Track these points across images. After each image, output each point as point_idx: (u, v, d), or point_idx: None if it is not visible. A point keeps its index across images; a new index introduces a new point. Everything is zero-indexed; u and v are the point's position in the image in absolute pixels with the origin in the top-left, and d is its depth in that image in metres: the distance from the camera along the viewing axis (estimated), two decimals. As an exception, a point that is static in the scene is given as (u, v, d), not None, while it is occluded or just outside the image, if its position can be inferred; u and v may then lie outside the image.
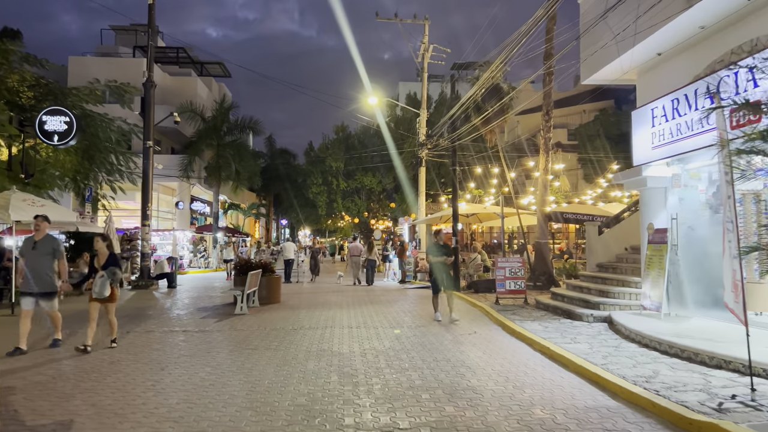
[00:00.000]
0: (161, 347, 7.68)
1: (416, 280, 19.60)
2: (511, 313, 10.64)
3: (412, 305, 12.84)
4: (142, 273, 17.75)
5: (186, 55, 42.96)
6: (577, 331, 8.43)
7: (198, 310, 11.89)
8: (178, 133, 32.99)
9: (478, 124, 16.22)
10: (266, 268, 13.07)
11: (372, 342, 7.99)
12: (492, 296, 14.02)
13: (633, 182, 9.26)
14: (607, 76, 9.65)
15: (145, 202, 18.06)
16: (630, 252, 11.26)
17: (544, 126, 16.09)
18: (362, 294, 15.60)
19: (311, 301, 13.82)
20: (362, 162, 27.90)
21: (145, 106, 18.04)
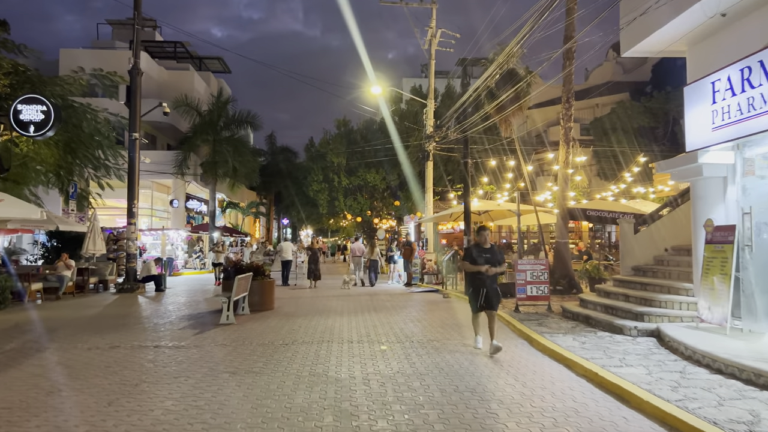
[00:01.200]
0: (121, 369, 6.32)
1: (423, 283, 18.21)
2: (536, 324, 9.25)
3: (421, 313, 11.46)
4: (128, 275, 16.43)
5: (184, 50, 41.77)
6: (622, 348, 7.03)
7: (180, 318, 10.54)
8: (174, 129, 31.72)
9: (491, 112, 14.83)
10: (258, 272, 11.71)
11: (377, 363, 6.62)
12: (508, 302, 12.64)
13: (684, 171, 7.86)
14: (652, 46, 8.25)
15: (131, 199, 16.75)
16: (671, 253, 9.85)
17: (563, 115, 14.69)
18: (365, 299, 14.23)
19: (309, 307, 12.46)
20: (365, 158, 26.51)
21: (131, 95, 16.71)
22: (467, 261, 7.43)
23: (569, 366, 6.39)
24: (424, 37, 18.94)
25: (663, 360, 6.35)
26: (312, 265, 16.95)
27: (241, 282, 10.26)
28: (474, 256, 7.36)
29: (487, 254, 7.30)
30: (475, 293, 7.34)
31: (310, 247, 17.81)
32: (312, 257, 17.06)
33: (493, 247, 7.49)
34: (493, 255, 7.34)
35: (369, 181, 27.06)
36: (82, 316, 11.03)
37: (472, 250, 7.48)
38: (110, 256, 18.44)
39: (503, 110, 15.21)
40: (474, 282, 7.34)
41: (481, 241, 7.48)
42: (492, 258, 7.30)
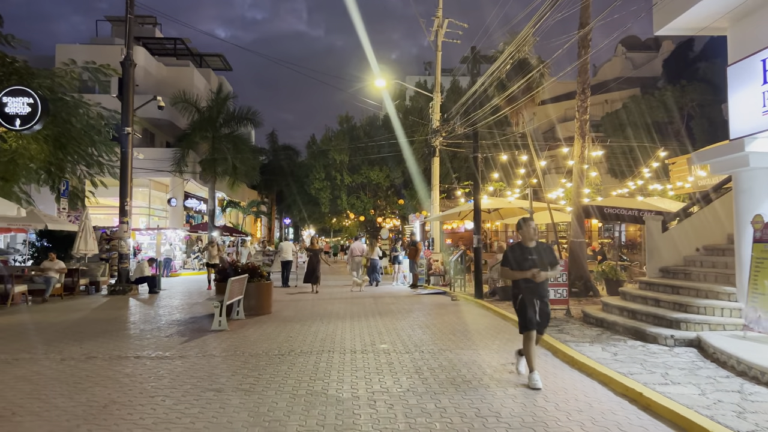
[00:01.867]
0: (92, 386, 5.54)
1: (429, 285, 17.40)
2: (556, 330, 8.43)
3: (429, 318, 10.65)
4: (120, 276, 15.68)
5: (184, 47, 41.12)
6: (661, 361, 6.21)
7: (169, 323, 9.76)
8: (173, 126, 31.00)
9: (502, 103, 14.01)
10: (254, 273, 10.92)
11: (384, 378, 5.81)
12: (523, 305, 11.83)
13: (726, 162, 7.03)
14: (689, 23, 7.43)
15: (123, 197, 15.99)
16: (704, 253, 9.01)
17: (579, 107, 13.85)
18: (369, 302, 13.43)
19: (309, 311, 11.67)
20: (368, 155, 25.71)
21: (124, 87, 15.96)
22: (507, 266, 5.73)
23: (605, 383, 5.57)
24: (430, 28, 18.13)
25: (713, 376, 5.52)
26: (311, 268, 15.29)
27: (235, 284, 9.47)
28: (517, 258, 5.63)
29: (533, 255, 5.59)
30: (528, 304, 5.56)
31: (310, 247, 16.27)
32: (312, 259, 15.40)
33: (540, 246, 5.75)
34: (541, 255, 5.62)
35: (372, 179, 26.25)
36: (64, 320, 10.26)
37: (514, 251, 5.73)
38: (103, 257, 17.69)
39: (514, 102, 14.39)
40: (522, 291, 5.60)
41: (525, 238, 5.70)
42: (540, 259, 5.58)
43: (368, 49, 16.71)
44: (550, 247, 5.99)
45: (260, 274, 11.11)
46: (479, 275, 13.19)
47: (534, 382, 5.40)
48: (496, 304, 12.05)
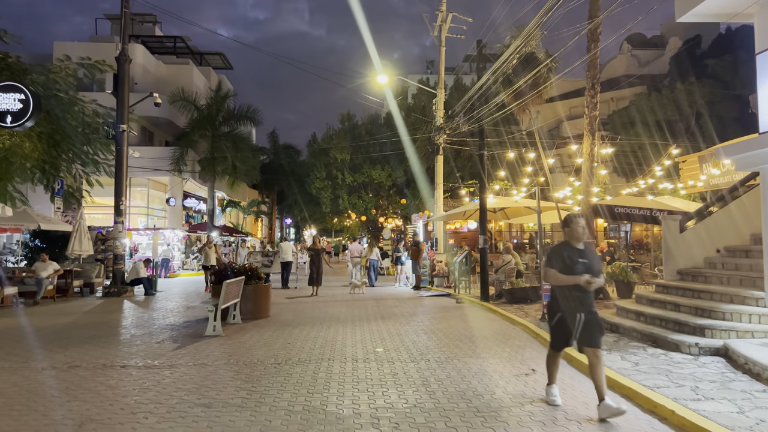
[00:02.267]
0: (70, 400, 5.09)
1: (432, 286, 16.94)
2: (570, 337, 7.95)
3: (433, 322, 10.18)
4: (115, 278, 15.25)
5: (184, 45, 40.77)
6: (687, 371, 5.74)
7: (162, 328, 9.31)
8: (171, 124, 30.59)
9: (508, 99, 13.54)
10: (251, 275, 10.47)
11: (388, 392, 5.35)
12: (530, 308, 11.37)
13: (755, 157, 6.56)
14: (715, 8, 6.94)
15: (118, 196, 15.55)
16: (725, 255, 8.54)
17: (588, 102, 13.38)
18: (371, 304, 12.97)
19: (308, 314, 11.21)
20: (370, 153, 25.24)
21: (119, 83, 15.53)
22: (555, 269, 4.68)
23: (630, 397, 5.11)
24: (434, 23, 17.67)
25: (748, 390, 5.05)
26: (314, 269, 14.87)
27: (230, 287, 9.02)
28: (566, 260, 4.65)
29: (584, 258, 4.66)
30: (568, 320, 4.65)
31: (313, 247, 15.68)
32: (314, 259, 14.94)
33: (588, 249, 4.83)
34: (591, 260, 4.71)
35: (374, 178, 25.79)
36: (52, 324, 9.82)
37: (561, 251, 4.76)
38: (98, 257, 17.26)
39: (521, 97, 13.91)
40: (566, 301, 4.66)
41: (573, 237, 4.75)
42: (591, 264, 4.67)
43: (370, 45, 16.27)
44: (593, 250, 5.09)
45: (258, 276, 10.66)
46: (485, 277, 12.73)
47: (552, 398, 4.90)
48: (503, 308, 11.60)
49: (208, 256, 16.10)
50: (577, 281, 4.58)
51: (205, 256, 16.13)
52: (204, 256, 16.23)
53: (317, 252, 15.26)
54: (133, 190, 27.88)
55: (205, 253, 16.17)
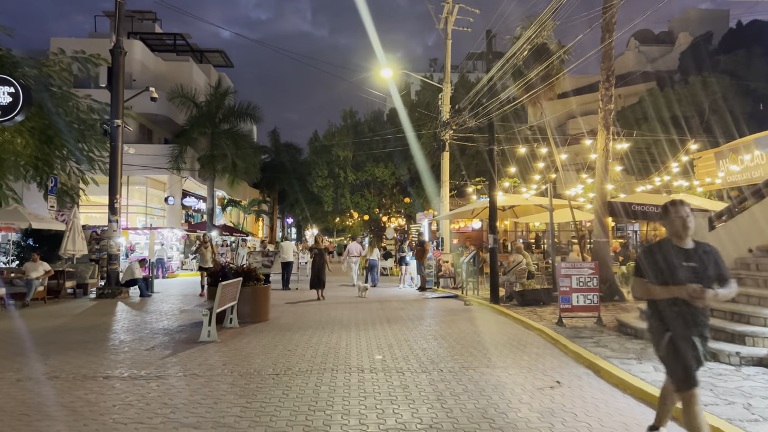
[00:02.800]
0: (39, 419, 4.52)
1: (438, 288, 16.35)
2: (592, 343, 7.38)
3: (443, 326, 9.59)
4: (109, 279, 14.68)
5: (184, 42, 40.26)
6: (733, 385, 5.15)
7: (154, 333, 8.74)
8: (171, 122, 30.04)
9: (518, 93, 12.96)
10: (249, 276, 9.89)
11: (399, 409, 4.76)
12: (543, 311, 10.78)
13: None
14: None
15: (113, 194, 14.99)
16: (759, 255, 7.93)
17: (603, 95, 12.79)
18: (375, 306, 12.39)
19: (310, 317, 10.63)
20: (373, 151, 24.64)
21: (113, 77, 14.97)
22: (646, 277, 3.53)
23: (675, 417, 4.50)
24: (440, 15, 17.08)
25: (809, 409, 4.45)
26: (317, 271, 13.54)
27: (227, 289, 8.43)
28: (661, 264, 3.47)
29: (691, 261, 3.42)
30: (681, 346, 3.38)
31: (315, 246, 14.19)
32: (317, 260, 13.55)
33: (700, 248, 3.52)
34: (703, 263, 3.43)
35: (377, 176, 25.19)
36: (39, 329, 9.25)
37: (656, 253, 3.55)
38: (92, 257, 16.71)
39: (532, 89, 13.31)
40: (670, 319, 3.42)
41: (675, 232, 3.52)
42: (702, 269, 3.41)
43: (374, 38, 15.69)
44: (713, 250, 3.56)
45: (256, 277, 10.07)
46: (495, 278, 12.13)
47: None
48: (515, 310, 11.01)
49: (203, 256, 15.42)
50: (678, 293, 3.32)
51: (201, 257, 15.45)
52: (200, 257, 15.55)
53: (320, 252, 13.84)
54: (131, 189, 27.38)
55: (201, 253, 15.51)
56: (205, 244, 15.73)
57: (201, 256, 15.39)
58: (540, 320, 9.65)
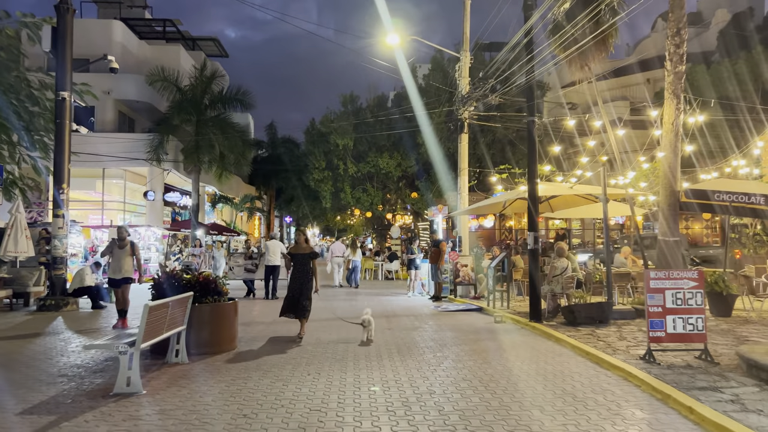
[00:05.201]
0: None
1: (456, 297, 13.57)
2: (728, 402, 4.62)
3: (477, 359, 6.82)
4: (53, 287, 11.96)
5: (174, 29, 37.62)
6: None
7: (62, 372, 6.01)
8: (154, 110, 27.28)
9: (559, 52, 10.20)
10: (205, 289, 7.13)
11: None
12: (606, 334, 8.01)
13: None
14: None
15: (58, 182, 12.25)
16: None
17: (671, 54, 10.07)
18: (380, 324, 9.60)
19: (293, 343, 7.85)
20: (376, 140, 21.87)
21: (59, 39, 12.24)
22: None
23: None
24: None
25: None
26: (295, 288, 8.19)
27: (160, 313, 5.67)
28: None
29: None
30: None
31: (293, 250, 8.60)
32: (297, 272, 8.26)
33: None
34: None
35: (381, 168, 22.38)
36: None
37: None
38: (42, 260, 13.95)
39: (577, 51, 10.50)
40: None
41: None
42: None
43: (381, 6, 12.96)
44: None
45: (217, 291, 7.31)
46: (535, 288, 9.34)
47: None
48: (565, 332, 8.25)
49: (119, 261, 9.03)
50: None
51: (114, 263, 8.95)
52: (113, 263, 9.03)
53: (303, 258, 8.29)
54: (107, 183, 24.70)
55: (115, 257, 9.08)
56: (121, 242, 9.12)
57: (115, 261, 9.01)
58: (612, 351, 6.88)
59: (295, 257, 8.40)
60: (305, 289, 8.22)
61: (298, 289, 8.22)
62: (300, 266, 8.31)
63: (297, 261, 8.34)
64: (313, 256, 8.42)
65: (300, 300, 8.16)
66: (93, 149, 22.29)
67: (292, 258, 8.40)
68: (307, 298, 8.23)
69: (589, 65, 10.28)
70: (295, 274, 8.34)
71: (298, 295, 8.17)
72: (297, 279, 8.30)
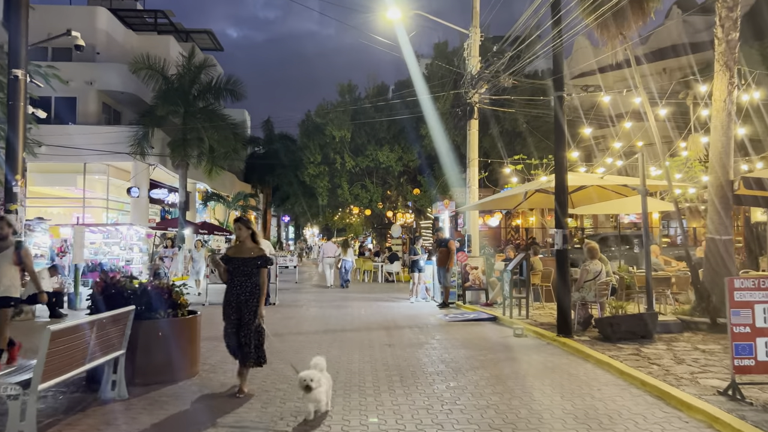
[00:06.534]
0: None
1: (463, 303, 12.03)
2: None
3: (500, 390, 5.29)
4: (5, 293, 10.41)
5: (167, 21, 36.21)
6: None
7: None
8: (141, 102, 25.72)
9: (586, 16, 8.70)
10: (157, 301, 5.61)
11: None
12: (655, 353, 6.51)
13: None
14: None
15: (11, 173, 10.68)
16: None
17: (723, 18, 8.55)
18: (379, 338, 8.09)
19: (266, 367, 6.33)
20: (376, 132, 20.34)
21: (11, 10, 10.68)
22: None
23: None
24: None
25: None
26: (231, 314, 5.12)
27: (78, 336, 4.15)
28: None
29: None
30: None
31: (232, 254, 5.31)
32: (236, 286, 5.11)
33: None
34: None
35: (381, 162, 20.84)
36: None
37: None
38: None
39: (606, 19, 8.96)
40: None
41: None
42: None
43: None
44: None
45: (174, 304, 5.79)
46: (566, 297, 7.81)
47: None
48: (604, 350, 6.76)
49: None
50: None
51: None
52: None
53: (243, 266, 5.15)
54: (89, 179, 23.21)
55: None
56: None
57: None
58: (676, 381, 5.36)
59: (232, 264, 5.12)
60: (248, 318, 5.03)
61: (235, 316, 5.06)
62: (240, 279, 5.06)
63: (236, 271, 5.10)
64: (262, 263, 5.15)
65: (240, 334, 5.06)
66: (72, 143, 20.84)
67: (228, 264, 5.16)
68: (252, 332, 5.05)
69: (624, 33, 8.76)
70: (232, 290, 5.09)
71: (237, 327, 5.07)
72: (235, 299, 5.06)
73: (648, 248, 8.38)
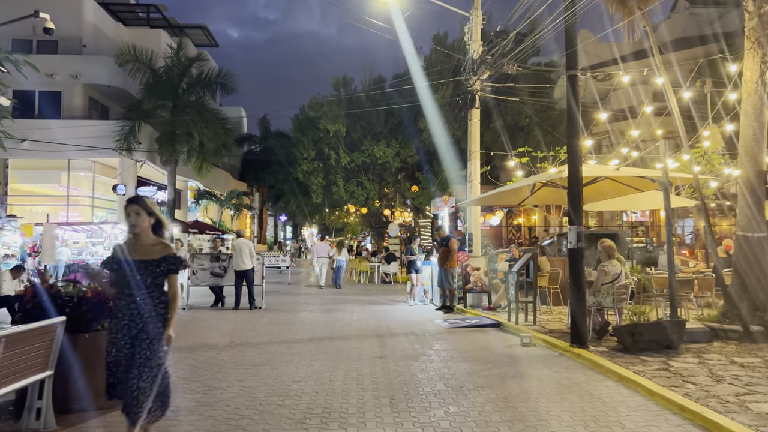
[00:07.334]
0: None
1: (464, 307, 11.11)
2: None
3: (510, 418, 4.36)
4: (-38, 297, 9.53)
5: (160, 15, 35.26)
6: None
7: None
8: (129, 96, 24.79)
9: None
10: (99, 310, 4.71)
11: None
12: (685, 368, 5.62)
13: None
14: None
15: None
16: None
17: (754, -8, 7.60)
18: (370, 348, 7.18)
19: (234, 385, 5.42)
20: (372, 126, 19.43)
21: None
22: None
23: None
24: None
25: None
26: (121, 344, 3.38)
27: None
28: None
29: None
30: None
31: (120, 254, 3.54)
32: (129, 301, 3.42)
33: None
34: None
35: (378, 158, 19.92)
36: None
37: None
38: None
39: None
40: None
41: None
42: None
43: None
44: None
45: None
46: (581, 301, 6.89)
47: None
48: (625, 363, 5.84)
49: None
50: None
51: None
52: None
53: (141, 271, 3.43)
54: (74, 176, 22.32)
55: None
56: None
57: None
58: (722, 406, 4.45)
59: (121, 270, 3.45)
60: (144, 352, 3.36)
61: (128, 347, 3.38)
62: (134, 294, 3.43)
63: (127, 281, 3.43)
64: (167, 268, 3.48)
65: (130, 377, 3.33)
66: (55, 138, 19.97)
67: (115, 272, 3.51)
68: (151, 375, 3.35)
69: (642, 7, 7.87)
70: (121, 308, 3.45)
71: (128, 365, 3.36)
72: (124, 322, 3.41)
73: (670, 249, 7.47)
